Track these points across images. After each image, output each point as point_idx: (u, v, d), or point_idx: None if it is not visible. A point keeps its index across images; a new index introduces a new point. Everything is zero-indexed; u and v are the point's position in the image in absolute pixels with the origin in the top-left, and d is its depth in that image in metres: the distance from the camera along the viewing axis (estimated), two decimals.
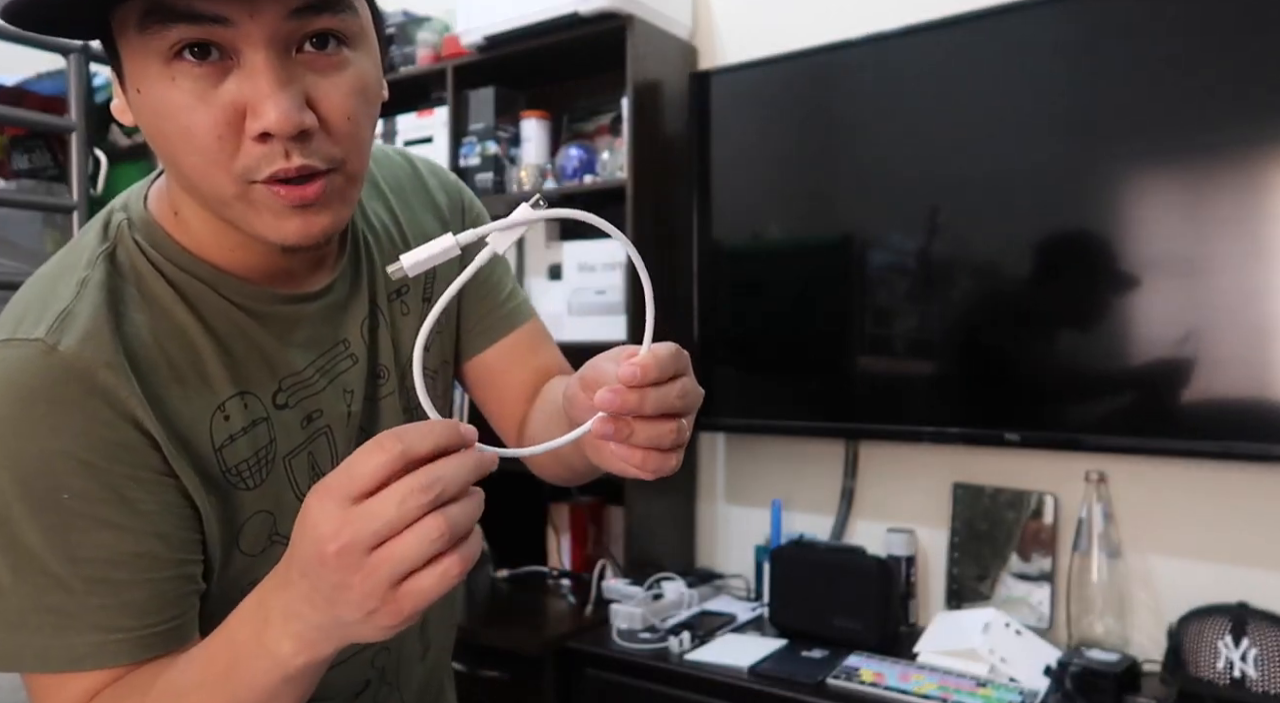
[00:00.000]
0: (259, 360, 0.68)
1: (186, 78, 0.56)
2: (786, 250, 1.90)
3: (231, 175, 0.58)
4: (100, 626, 0.60)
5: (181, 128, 0.57)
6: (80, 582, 0.59)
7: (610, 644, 1.68)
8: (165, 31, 0.55)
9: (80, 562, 0.59)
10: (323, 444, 0.72)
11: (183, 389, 0.64)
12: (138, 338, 0.63)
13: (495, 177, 2.17)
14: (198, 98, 0.56)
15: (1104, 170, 1.56)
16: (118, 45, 0.59)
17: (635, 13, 1.90)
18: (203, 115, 0.56)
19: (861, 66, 1.80)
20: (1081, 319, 1.58)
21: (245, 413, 0.67)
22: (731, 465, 2.11)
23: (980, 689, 1.43)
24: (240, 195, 0.59)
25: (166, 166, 0.63)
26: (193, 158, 0.58)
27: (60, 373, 0.59)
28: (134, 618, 0.61)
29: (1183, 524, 1.60)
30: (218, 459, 0.65)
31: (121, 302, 0.63)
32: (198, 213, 0.65)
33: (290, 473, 0.70)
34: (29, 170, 1.44)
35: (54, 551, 0.58)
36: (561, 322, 2.07)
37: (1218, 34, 1.46)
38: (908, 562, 1.80)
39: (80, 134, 1.29)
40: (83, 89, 1.30)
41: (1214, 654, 1.41)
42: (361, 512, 0.49)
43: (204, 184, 0.59)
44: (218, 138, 0.57)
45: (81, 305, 0.61)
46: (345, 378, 0.73)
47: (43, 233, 1.40)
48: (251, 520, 0.67)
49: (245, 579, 0.66)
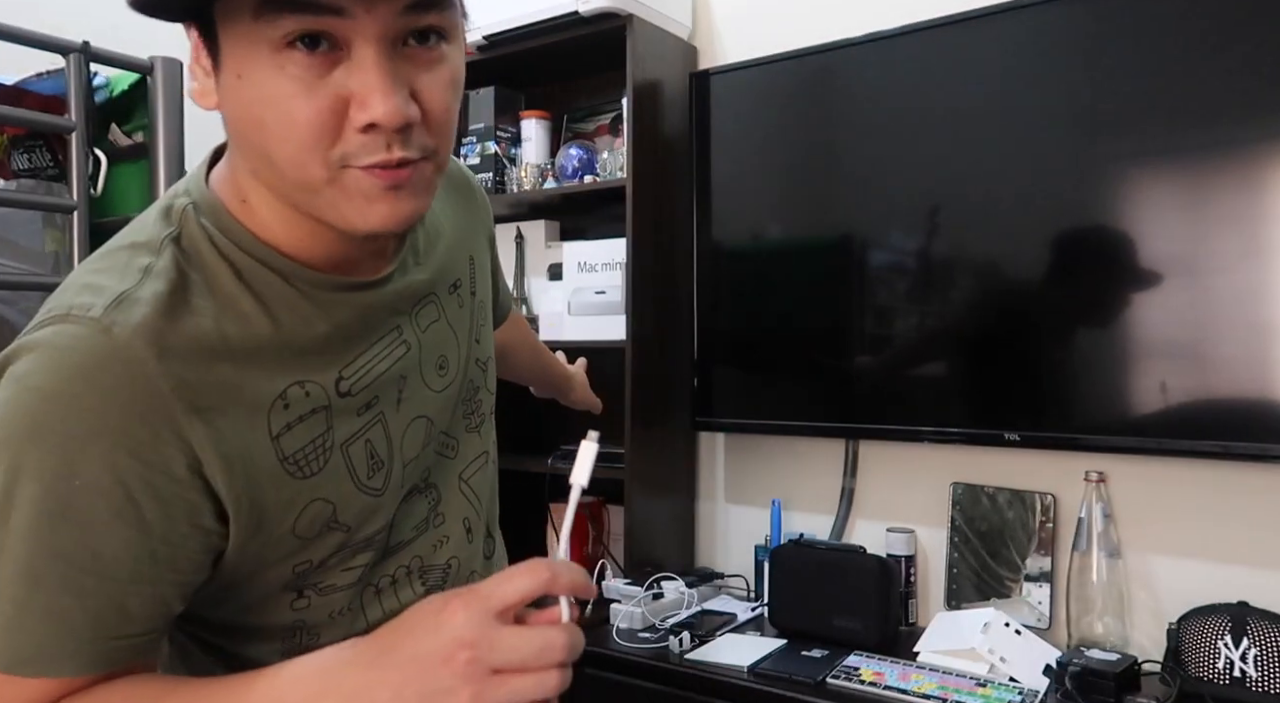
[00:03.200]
0: (320, 348, 0.68)
1: (296, 67, 0.57)
2: (786, 250, 1.90)
3: (327, 162, 0.59)
4: (57, 630, 0.58)
5: (283, 114, 0.58)
6: (55, 578, 0.57)
7: (610, 644, 1.68)
8: (280, 20, 0.55)
9: (63, 557, 0.57)
10: (379, 431, 0.72)
11: (242, 378, 0.63)
12: (200, 327, 0.62)
13: (495, 176, 2.17)
14: (305, 87, 0.57)
15: (1104, 170, 1.56)
16: (218, 31, 0.59)
17: (635, 12, 1.90)
18: (307, 104, 0.57)
19: (861, 66, 1.80)
20: (1081, 319, 1.58)
21: (306, 400, 0.66)
22: (731, 465, 2.11)
23: (980, 689, 1.43)
24: (332, 180, 0.60)
25: (246, 153, 0.63)
26: (288, 145, 0.59)
27: (106, 356, 0.58)
28: (92, 628, 0.59)
29: (1183, 524, 1.60)
30: (275, 448, 0.65)
31: (186, 288, 0.63)
32: (267, 200, 0.65)
33: (349, 461, 0.69)
34: (29, 170, 1.44)
35: (41, 539, 0.57)
36: (562, 322, 2.07)
37: (1218, 33, 1.46)
38: (908, 562, 1.80)
39: (80, 134, 1.29)
40: (83, 89, 1.30)
41: (1214, 654, 1.41)
42: (507, 637, 0.56)
43: (294, 171, 0.60)
44: (320, 126, 0.58)
45: (143, 291, 0.61)
46: (400, 366, 0.74)
47: (43, 233, 1.40)
48: (309, 508, 0.67)
49: (295, 560, 0.68)
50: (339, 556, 0.70)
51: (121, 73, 1.37)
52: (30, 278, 1.37)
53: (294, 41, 0.56)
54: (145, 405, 0.58)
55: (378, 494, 0.71)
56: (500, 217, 2.32)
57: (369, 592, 0.74)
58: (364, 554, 0.72)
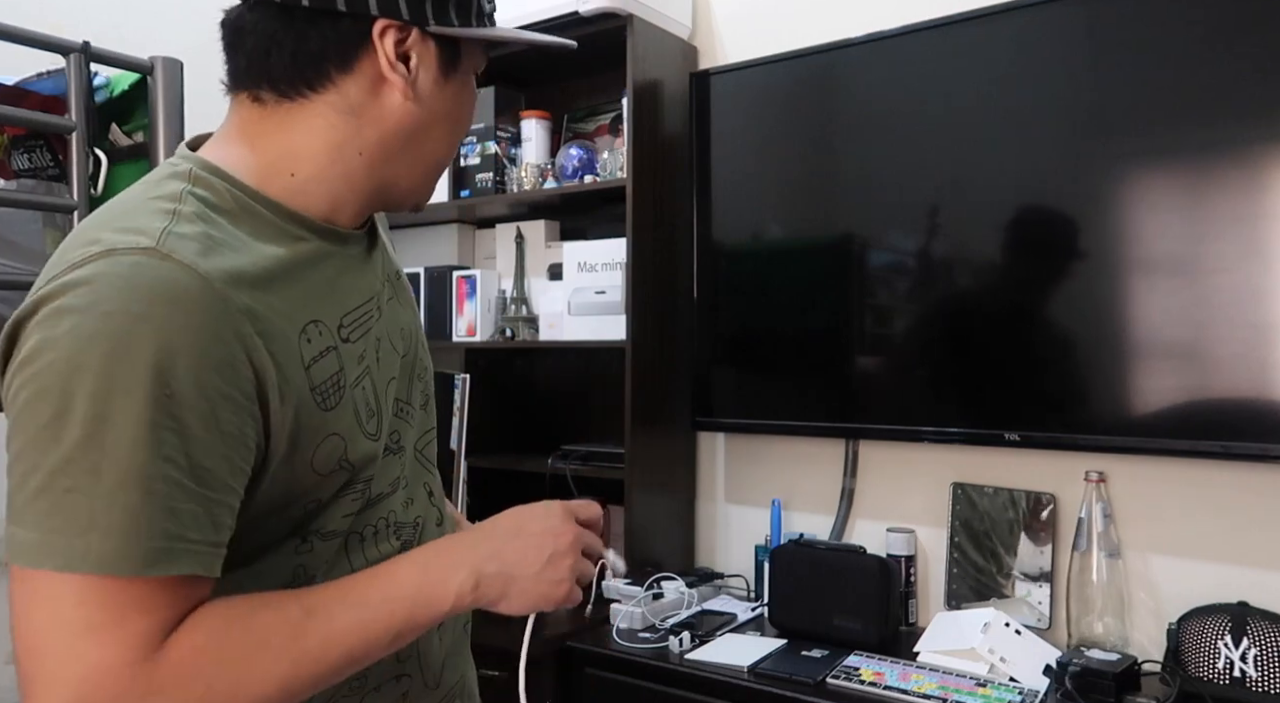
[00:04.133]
0: (325, 293, 0.76)
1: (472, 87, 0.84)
2: (786, 250, 1.90)
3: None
4: (174, 535, 0.62)
5: (467, 116, 0.84)
6: (164, 483, 0.62)
7: (610, 644, 1.68)
8: (485, 58, 0.84)
9: (170, 462, 0.62)
10: (369, 382, 0.80)
11: (280, 309, 0.70)
12: (239, 262, 0.68)
13: (495, 176, 2.17)
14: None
15: (1104, 170, 1.56)
16: (460, 46, 0.79)
17: (635, 12, 1.90)
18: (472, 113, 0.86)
19: (861, 66, 1.80)
20: (1082, 319, 1.58)
21: (320, 338, 0.74)
22: (731, 465, 2.11)
23: (980, 689, 1.43)
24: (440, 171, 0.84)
25: (396, 139, 0.78)
26: (453, 139, 0.83)
27: (181, 278, 0.63)
28: (197, 531, 0.64)
29: (1183, 524, 1.60)
30: (308, 377, 0.72)
31: (216, 229, 0.69)
32: (331, 178, 0.77)
33: (355, 402, 0.77)
34: (29, 170, 1.44)
35: (150, 447, 0.61)
36: (562, 322, 2.07)
37: (1218, 33, 1.46)
38: (908, 562, 1.80)
39: (80, 134, 1.29)
40: (83, 89, 1.30)
41: (1214, 654, 1.41)
42: (584, 532, 0.83)
43: (438, 161, 0.83)
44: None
45: (182, 229, 0.67)
46: (376, 328, 0.83)
47: (43, 232, 1.40)
48: (326, 441, 0.73)
49: (307, 498, 0.74)
50: (338, 499, 0.77)
51: (121, 73, 1.37)
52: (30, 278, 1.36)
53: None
54: (222, 325, 0.64)
55: (374, 439, 0.79)
56: (500, 217, 2.33)
57: (354, 539, 0.80)
58: (356, 500, 0.78)
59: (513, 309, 2.20)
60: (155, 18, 2.05)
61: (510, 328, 2.18)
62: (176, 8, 2.07)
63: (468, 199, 2.20)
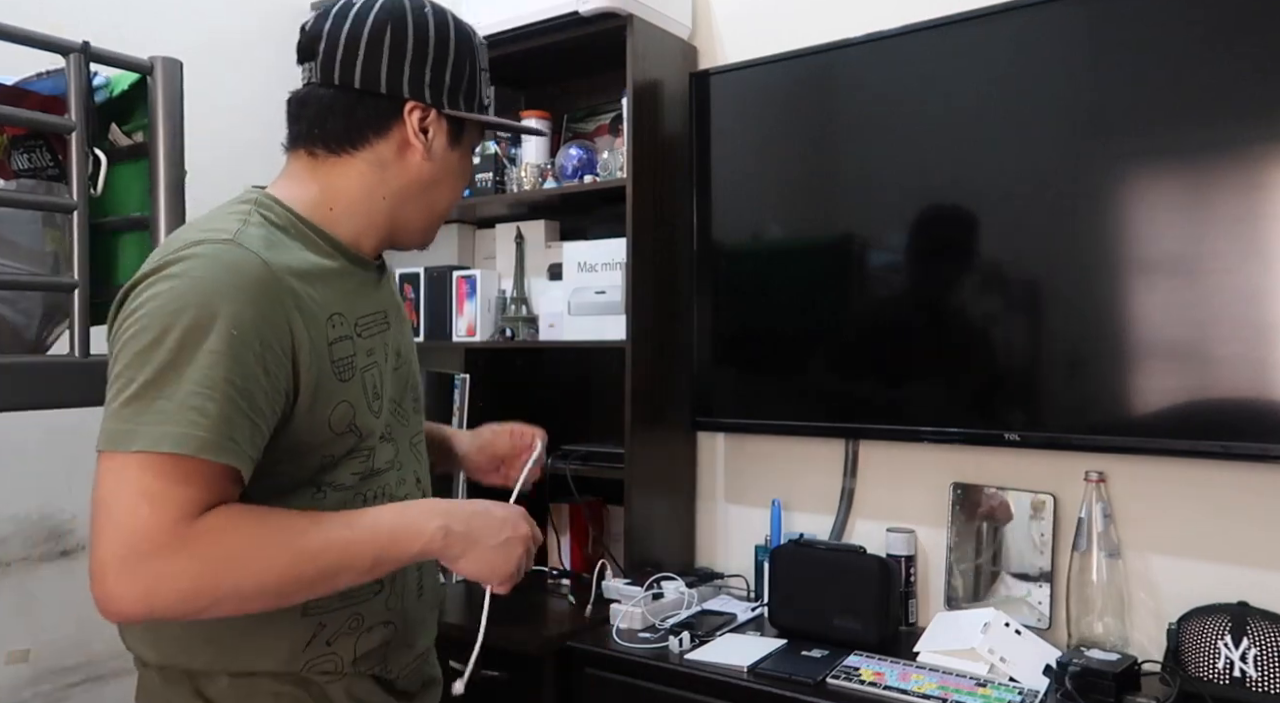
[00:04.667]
0: (344, 296, 1.00)
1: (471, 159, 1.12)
2: (786, 250, 1.90)
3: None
4: (226, 434, 0.84)
5: (467, 176, 1.09)
6: (222, 396, 0.84)
7: (610, 644, 1.68)
8: (482, 136, 1.14)
9: (241, 376, 0.85)
10: (375, 372, 1.03)
11: (315, 297, 0.95)
12: (289, 257, 0.94)
13: (495, 176, 2.17)
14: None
15: (1104, 170, 1.56)
16: (465, 125, 1.06)
17: (635, 12, 1.90)
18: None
19: (861, 66, 1.80)
20: (1082, 318, 1.58)
21: (341, 326, 0.98)
22: (731, 465, 2.11)
23: (980, 689, 1.43)
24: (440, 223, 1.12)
25: (412, 189, 1.05)
26: (455, 194, 1.10)
27: (251, 260, 0.90)
28: (245, 441, 0.86)
29: (1183, 524, 1.60)
30: (330, 352, 0.95)
31: (274, 235, 0.95)
32: (359, 213, 1.03)
33: (363, 381, 1.00)
34: (29, 170, 1.43)
35: (229, 361, 0.85)
36: (562, 322, 2.07)
37: (1219, 33, 1.46)
38: (907, 562, 1.80)
39: (80, 134, 1.29)
40: (83, 89, 1.30)
41: (1214, 654, 1.41)
42: (536, 537, 1.04)
43: (443, 209, 1.10)
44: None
45: (250, 230, 0.93)
46: (383, 336, 1.06)
47: (43, 232, 1.40)
48: (340, 405, 0.96)
49: (323, 451, 0.96)
50: (348, 458, 0.99)
51: (121, 73, 1.37)
52: (30, 278, 1.37)
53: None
54: (274, 296, 0.90)
55: (376, 414, 1.02)
56: (500, 216, 2.32)
57: (358, 500, 1.00)
58: (363, 463, 1.01)
59: (512, 309, 2.20)
60: (155, 18, 2.04)
61: (510, 328, 2.18)
62: (176, 8, 2.06)
63: (468, 199, 2.19)
